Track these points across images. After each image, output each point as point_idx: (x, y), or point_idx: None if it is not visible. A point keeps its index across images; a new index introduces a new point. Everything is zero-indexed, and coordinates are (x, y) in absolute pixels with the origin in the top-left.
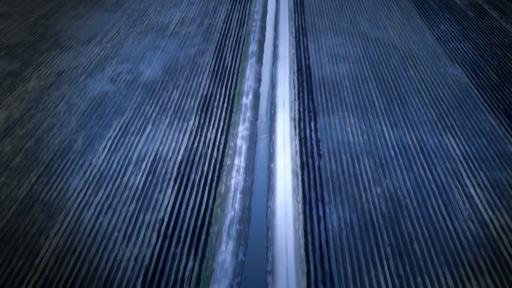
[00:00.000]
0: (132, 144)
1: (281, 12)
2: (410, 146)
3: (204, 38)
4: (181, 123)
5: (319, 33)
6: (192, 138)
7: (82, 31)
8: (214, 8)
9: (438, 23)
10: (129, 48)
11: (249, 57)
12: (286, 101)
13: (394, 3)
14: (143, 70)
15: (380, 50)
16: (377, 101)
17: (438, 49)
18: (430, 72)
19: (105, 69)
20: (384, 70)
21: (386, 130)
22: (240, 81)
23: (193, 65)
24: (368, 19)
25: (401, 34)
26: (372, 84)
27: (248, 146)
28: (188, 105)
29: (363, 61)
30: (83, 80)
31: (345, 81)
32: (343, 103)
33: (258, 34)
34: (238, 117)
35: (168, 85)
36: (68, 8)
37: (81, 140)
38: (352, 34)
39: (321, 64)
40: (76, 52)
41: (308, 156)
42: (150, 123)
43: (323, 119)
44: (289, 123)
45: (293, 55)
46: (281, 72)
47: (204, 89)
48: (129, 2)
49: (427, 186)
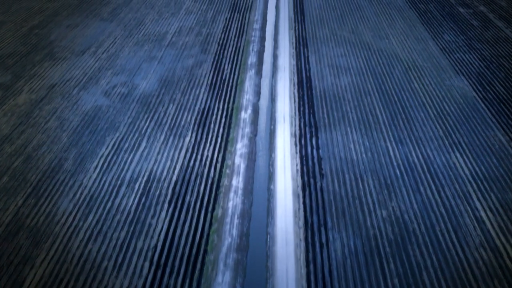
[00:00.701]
0: (125, 163)
1: (281, 22)
2: (416, 164)
3: (202, 49)
4: (177, 139)
5: (320, 43)
6: (188, 156)
7: (76, 41)
8: (212, 17)
9: (442, 33)
10: (124, 59)
11: (248, 68)
12: (286, 115)
13: (396, 12)
14: (138, 82)
15: (383, 61)
16: (381, 115)
17: (443, 60)
18: (435, 84)
19: (99, 82)
20: (388, 82)
21: (390, 147)
22: (239, 95)
23: (191, 77)
24: (370, 29)
25: (404, 44)
26: (375, 98)
27: (247, 165)
28: (185, 120)
29: (366, 73)
30: (76, 93)
31: (347, 94)
32: (345, 117)
33: (257, 45)
34: (236, 133)
35: (164, 98)
36: (63, 18)
37: (72, 159)
38: (354, 44)
39: (322, 76)
40: (70, 64)
41: (309, 176)
42: (145, 140)
43: (324, 135)
44: (290, 139)
45: (294, 66)
46: (281, 84)
47: (201, 103)
48: (126, 11)
49: (436, 209)
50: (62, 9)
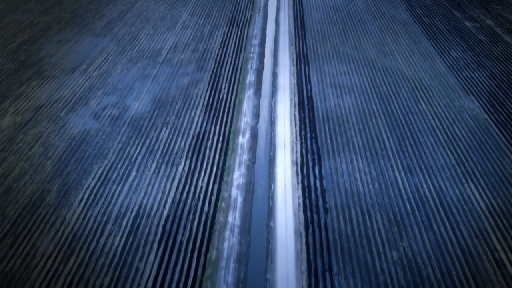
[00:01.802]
0: (113, 196)
1: (281, 37)
2: (428, 198)
3: (198, 66)
4: (169, 168)
5: (321, 60)
6: (181, 187)
7: (67, 58)
8: (209, 32)
9: (449, 49)
10: (116, 78)
11: (247, 88)
12: (287, 140)
13: (400, 26)
14: (130, 103)
15: (388, 79)
16: (388, 141)
17: (451, 78)
18: (444, 105)
19: (89, 103)
20: (394, 103)
21: (399, 177)
22: (236, 117)
23: (186, 97)
24: (374, 44)
25: (410, 61)
26: (381, 120)
27: (244, 198)
28: (178, 146)
29: (370, 93)
30: (64, 115)
31: (352, 116)
32: (350, 143)
33: (256, 62)
34: (233, 161)
35: (157, 121)
36: (54, 32)
37: (56, 191)
38: (358, 62)
39: (325, 96)
40: (59, 83)
41: (312, 210)
42: (135, 169)
43: (328, 163)
44: (291, 168)
45: (294, 85)
46: (281, 105)
47: (196, 126)
48: (120, 25)
49: (451, 251)
50: (54, 23)
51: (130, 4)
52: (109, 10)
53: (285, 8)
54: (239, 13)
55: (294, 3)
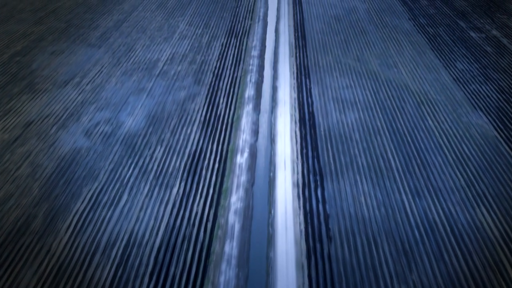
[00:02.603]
0: (103, 222)
1: (281, 48)
2: (437, 224)
3: (196, 79)
4: (163, 191)
5: (323, 72)
6: (175, 212)
7: (60, 70)
8: (207, 43)
9: (455, 61)
10: (110, 92)
11: (245, 103)
12: (288, 160)
13: (404, 37)
14: (124, 119)
15: (392, 93)
16: (393, 160)
17: (457, 92)
18: (451, 121)
19: (81, 119)
20: (399, 119)
21: (406, 200)
22: (235, 134)
23: (182, 112)
24: (377, 56)
25: (415, 74)
26: (386, 138)
27: (242, 224)
28: (173, 166)
29: (374, 108)
30: (54, 132)
31: (355, 133)
32: (354, 163)
33: (255, 75)
34: (231, 183)
35: (151, 139)
36: (48, 43)
37: (42, 216)
38: (360, 74)
39: (327, 111)
40: (50, 97)
41: (315, 239)
42: (127, 192)
43: (331, 185)
44: (292, 190)
45: (295, 100)
46: (281, 121)
47: (192, 144)
48: (115, 36)
49: (464, 285)
50: (48, 33)
51: (127, 14)
52: (104, 19)
53: (285, 17)
54: (238, 23)
55: (294, 12)
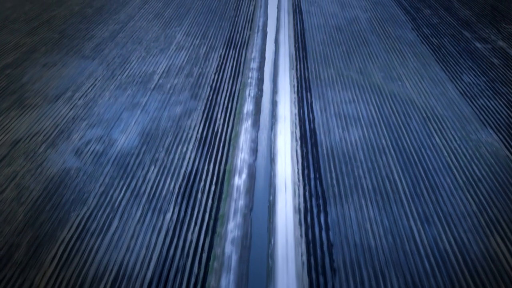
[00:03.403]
0: (90, 252)
1: (281, 59)
2: (449, 254)
3: (192, 93)
4: (156, 216)
5: (324, 86)
6: (168, 240)
7: (51, 83)
8: (205, 54)
9: (461, 73)
10: (103, 107)
11: (244, 119)
12: (288, 181)
13: (407, 48)
14: (116, 137)
15: (397, 108)
16: (400, 182)
17: (465, 107)
18: (460, 139)
19: (71, 136)
20: (405, 137)
21: (415, 227)
22: (232, 153)
23: (177, 130)
24: (380, 68)
25: (420, 87)
26: (391, 157)
27: (240, 255)
28: (167, 188)
29: (379, 124)
30: (43, 151)
31: (359, 152)
32: (358, 185)
33: (254, 88)
34: (228, 208)
35: (145, 158)
36: (40, 55)
37: (26, 245)
38: (363, 88)
39: (329, 128)
40: (40, 113)
41: (318, 271)
42: (117, 217)
43: (335, 210)
44: (293, 216)
45: (295, 115)
46: (281, 139)
47: (188, 164)
48: (110, 46)
49: None
50: (40, 44)
51: (123, 24)
52: (100, 30)
53: (285, 27)
54: (237, 33)
55: (294, 22)
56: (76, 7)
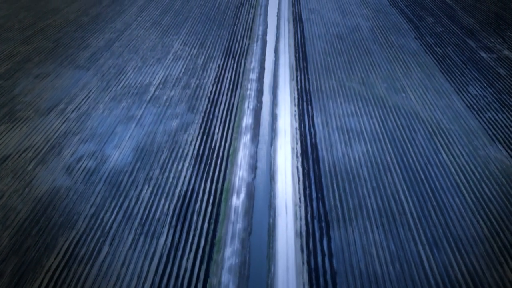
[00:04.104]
0: (78, 282)
1: (281, 70)
2: (461, 284)
3: (189, 106)
4: (149, 241)
5: (326, 98)
6: (161, 269)
7: (44, 95)
8: (203, 64)
9: (466, 85)
10: (97, 120)
11: (243, 133)
12: (289, 202)
13: (411, 57)
14: (110, 152)
15: (402, 122)
16: (406, 202)
17: (472, 121)
18: (468, 156)
19: (63, 152)
20: (410, 153)
21: (423, 253)
22: (230, 170)
23: (173, 145)
24: (383, 79)
25: (424, 100)
26: (397, 175)
27: (237, 286)
28: (161, 210)
29: (383, 139)
30: (32, 169)
31: (363, 170)
32: (363, 206)
33: (253, 101)
34: (225, 231)
35: (138, 176)
36: (34, 65)
37: (9, 274)
38: (366, 100)
39: (331, 143)
40: (31, 127)
41: None
42: (108, 242)
43: (338, 234)
44: (294, 241)
45: (296, 130)
46: (281, 155)
47: (183, 183)
48: (106, 56)
49: None
50: (34, 53)
51: (119, 32)
52: (95, 38)
53: (285, 36)
54: (235, 42)
55: (294, 30)
56: (71, 15)
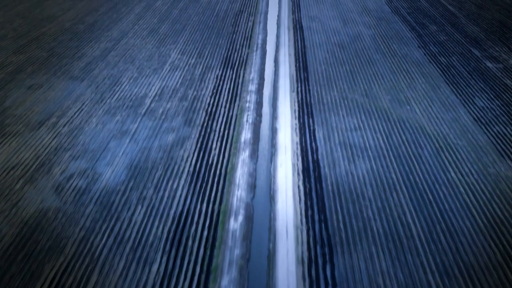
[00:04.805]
0: None
1: (281, 81)
2: None
3: (186, 119)
4: (141, 268)
5: (327, 110)
6: None
7: (35, 108)
8: (201, 75)
9: (473, 96)
10: (89, 135)
11: (241, 148)
12: (290, 225)
13: (415, 67)
14: (102, 170)
15: (407, 137)
16: (414, 225)
17: (480, 136)
18: (477, 173)
19: (52, 170)
20: (417, 171)
21: (434, 283)
22: (228, 189)
23: (169, 161)
24: (386, 91)
25: (430, 113)
26: (403, 195)
27: None
28: (154, 233)
29: (387, 156)
30: (20, 188)
31: (367, 189)
32: (368, 229)
33: (252, 113)
34: (222, 258)
35: (131, 196)
36: (26, 76)
37: None
38: (370, 113)
39: (334, 160)
40: (21, 142)
41: None
42: (97, 270)
43: (342, 260)
44: (295, 269)
45: (297, 145)
46: (281, 173)
47: (178, 203)
48: (101, 66)
49: None
50: (27, 63)
51: (115, 41)
52: (91, 48)
53: (285, 45)
54: (234, 52)
55: (295, 39)
56: (67, 23)
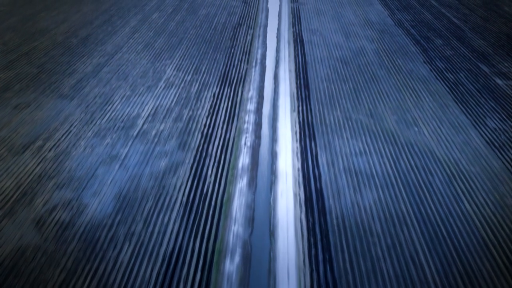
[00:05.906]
0: None
1: (281, 99)
2: None
3: (180, 142)
4: None
5: (331, 132)
6: None
7: (21, 130)
8: (197, 93)
9: (484, 116)
10: (76, 160)
11: (239, 175)
12: (292, 266)
13: (421, 85)
14: (88, 201)
15: (416, 162)
16: (428, 266)
17: (494, 162)
18: (493, 205)
19: (34, 201)
20: (428, 201)
21: None
22: (224, 224)
23: (160, 191)
24: (392, 110)
25: (439, 135)
26: (414, 230)
27: None
28: (142, 276)
29: (396, 184)
30: None
31: (375, 223)
32: (377, 271)
33: (251, 136)
34: None
35: (118, 232)
36: (13, 94)
37: None
38: (375, 135)
39: (338, 189)
40: (2, 168)
41: None
42: None
43: None
44: None
45: (298, 171)
46: (282, 204)
47: (169, 241)
48: (92, 83)
49: None
50: (16, 80)
51: (109, 56)
52: (83, 63)
53: (285, 60)
54: (232, 67)
55: (295, 54)
56: (60, 37)
